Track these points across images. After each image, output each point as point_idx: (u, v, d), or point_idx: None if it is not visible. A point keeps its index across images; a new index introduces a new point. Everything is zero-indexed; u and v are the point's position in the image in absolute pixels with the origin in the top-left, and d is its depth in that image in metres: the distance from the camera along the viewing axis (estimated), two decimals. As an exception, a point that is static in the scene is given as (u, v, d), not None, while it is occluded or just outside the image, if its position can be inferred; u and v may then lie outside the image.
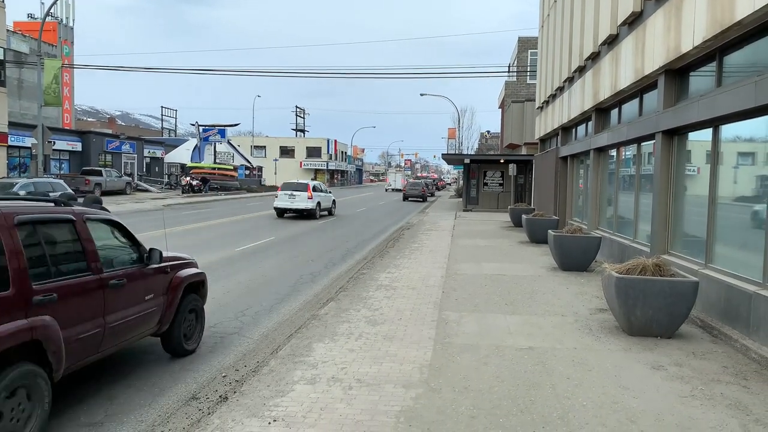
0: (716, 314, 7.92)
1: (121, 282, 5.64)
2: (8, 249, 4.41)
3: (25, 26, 48.83)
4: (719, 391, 5.55)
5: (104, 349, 5.47)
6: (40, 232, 4.87)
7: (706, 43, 8.09)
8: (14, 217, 4.58)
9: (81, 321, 5.05)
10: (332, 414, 4.89)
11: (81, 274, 5.14)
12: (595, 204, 15.85)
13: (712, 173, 8.63)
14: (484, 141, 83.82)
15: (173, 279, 6.70)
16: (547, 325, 7.90)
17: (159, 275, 6.43)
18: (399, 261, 13.52)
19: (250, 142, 79.31)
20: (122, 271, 5.75)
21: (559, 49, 20.64)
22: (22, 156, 37.12)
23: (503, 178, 34.95)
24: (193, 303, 7.06)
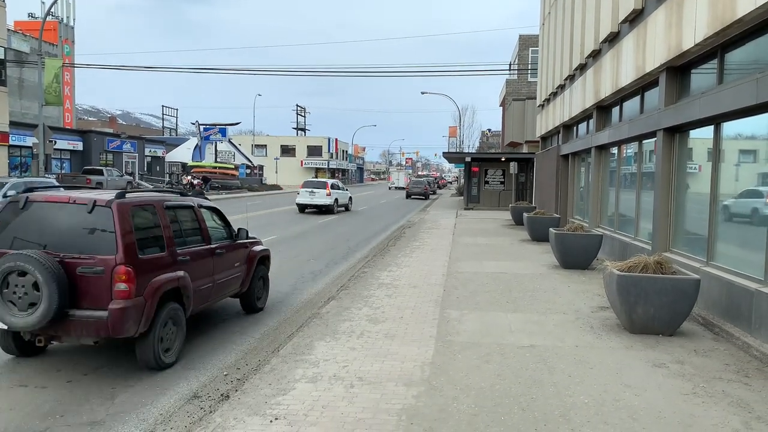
0: (718, 312, 7.91)
1: (221, 252, 7.75)
2: (163, 224, 6.55)
3: (26, 25, 48.83)
4: (721, 389, 5.55)
5: (211, 300, 7.59)
6: (177, 213, 7.01)
7: (708, 40, 8.07)
8: (164, 203, 6.77)
9: (201, 277, 7.12)
10: (334, 412, 4.89)
11: (200, 244, 7.27)
12: (596, 202, 15.84)
13: (713, 171, 8.62)
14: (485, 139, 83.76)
15: (250, 253, 8.74)
16: (548, 323, 7.90)
17: (242, 249, 8.51)
18: (400, 259, 13.52)
19: (251, 141, 79.34)
20: (222, 244, 7.84)
21: (560, 47, 20.61)
22: (23, 155, 37.14)
23: (504, 177, 34.94)
24: (262, 272, 9.13)
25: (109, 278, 5.72)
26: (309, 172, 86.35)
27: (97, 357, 6.56)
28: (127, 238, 5.90)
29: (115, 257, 5.75)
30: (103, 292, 5.74)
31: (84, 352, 6.71)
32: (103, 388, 5.70)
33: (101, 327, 5.69)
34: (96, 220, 5.93)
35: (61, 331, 5.83)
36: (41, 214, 6.11)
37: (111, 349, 6.83)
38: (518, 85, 40.50)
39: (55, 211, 6.09)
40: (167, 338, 6.38)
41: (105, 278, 5.73)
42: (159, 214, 6.59)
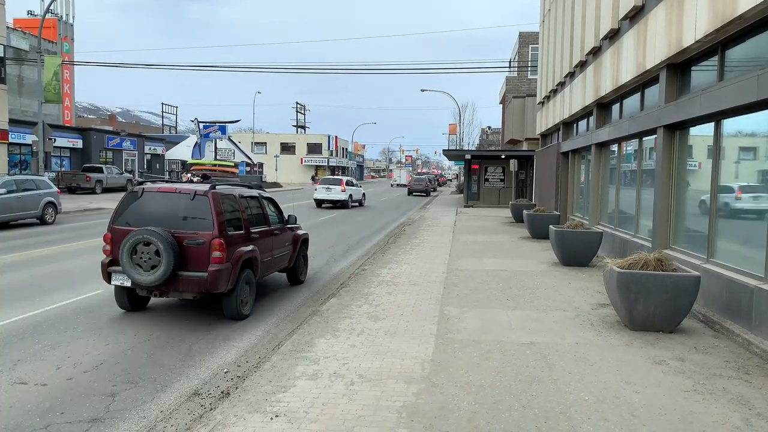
0: (718, 309, 7.91)
1: (277, 233, 9.73)
2: (241, 210, 8.54)
3: (25, 23, 48.77)
4: (721, 386, 5.55)
5: (270, 271, 9.57)
6: (248, 202, 9.01)
7: (708, 37, 8.06)
8: (240, 194, 8.78)
9: (265, 251, 9.05)
10: (334, 409, 4.89)
11: (263, 226, 9.25)
12: (596, 199, 15.83)
13: (713, 168, 8.61)
14: (485, 137, 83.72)
15: (295, 235, 10.68)
16: (548, 320, 7.90)
17: (290, 232, 10.46)
18: (400, 257, 13.52)
19: (250, 138, 79.25)
20: (277, 227, 9.81)
21: (560, 44, 20.58)
22: (23, 153, 37.12)
23: (504, 174, 34.92)
24: (303, 251, 11.11)
25: (208, 248, 7.65)
26: (309, 170, 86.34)
27: (97, 354, 6.56)
28: (219, 219, 7.84)
29: (212, 233, 7.69)
30: (203, 258, 7.64)
31: (83, 348, 6.71)
32: (103, 385, 5.70)
33: (202, 284, 7.61)
34: (197, 205, 7.87)
35: (172, 288, 7.75)
36: (154, 200, 8.07)
37: (109, 347, 6.83)
38: (518, 82, 40.44)
39: (165, 199, 8.04)
40: (244, 296, 8.29)
41: (204, 248, 7.65)
42: (238, 202, 8.60)
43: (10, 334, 7.18)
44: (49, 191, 20.01)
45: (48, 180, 21.07)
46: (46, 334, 7.22)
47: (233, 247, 7.96)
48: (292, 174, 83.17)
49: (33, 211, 19.07)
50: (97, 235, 16.65)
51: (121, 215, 8.13)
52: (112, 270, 7.94)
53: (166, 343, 7.06)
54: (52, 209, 19.99)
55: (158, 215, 7.88)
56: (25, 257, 12.78)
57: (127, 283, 7.81)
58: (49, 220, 19.71)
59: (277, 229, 9.80)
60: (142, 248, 7.53)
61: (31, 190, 19.24)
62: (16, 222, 18.79)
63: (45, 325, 7.63)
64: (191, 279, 7.63)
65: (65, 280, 10.45)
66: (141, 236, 7.50)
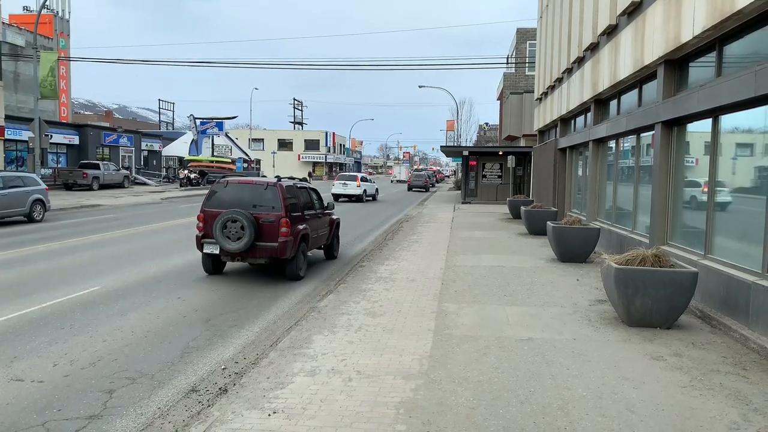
0: (715, 305, 7.92)
1: (320, 216, 12.19)
2: (297, 197, 11.00)
3: (21, 19, 48.54)
4: (718, 381, 5.56)
5: (315, 246, 11.92)
6: (304, 192, 11.59)
7: (706, 32, 8.05)
8: (297, 185, 11.40)
9: (313, 230, 11.46)
10: (332, 405, 4.88)
11: (312, 210, 11.70)
12: (593, 195, 15.84)
13: (711, 164, 8.61)
14: (482, 133, 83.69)
15: (331, 219, 13.17)
16: (546, 316, 7.90)
17: (328, 216, 12.93)
18: (398, 253, 13.51)
19: (248, 134, 79.08)
20: (319, 211, 12.26)
21: (558, 40, 20.55)
22: (19, 150, 36.98)
23: (502, 170, 34.91)
24: (336, 232, 13.54)
25: (277, 225, 10.23)
26: (306, 166, 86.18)
27: (94, 351, 6.54)
28: (285, 203, 10.44)
29: (280, 214, 10.29)
30: (274, 233, 10.21)
31: (81, 345, 6.68)
32: (100, 382, 5.68)
33: (273, 251, 10.22)
34: (268, 193, 10.49)
35: (250, 255, 10.29)
36: (236, 190, 10.72)
37: (106, 344, 6.81)
38: (516, 78, 40.41)
39: (244, 188, 10.73)
40: (300, 262, 10.90)
41: (275, 225, 10.23)
42: (295, 191, 11.23)
43: (7, 331, 7.15)
44: (37, 188, 19.56)
45: (36, 177, 20.59)
46: (42, 331, 7.20)
47: (294, 225, 10.54)
48: (289, 170, 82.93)
49: (20, 208, 18.63)
50: (89, 233, 16.62)
51: (210, 200, 10.71)
52: (205, 241, 10.46)
53: (164, 340, 7.04)
54: (40, 206, 19.53)
55: (239, 201, 10.48)
56: (18, 254, 12.74)
57: (216, 251, 10.35)
58: (37, 217, 19.27)
59: (320, 213, 12.32)
60: (231, 224, 10.07)
61: (18, 187, 18.78)
62: (3, 220, 18.44)
63: (41, 321, 7.61)
64: (265, 248, 10.23)
65: (61, 277, 10.41)
66: (230, 215, 10.07)
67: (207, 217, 10.51)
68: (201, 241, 10.51)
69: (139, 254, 13.05)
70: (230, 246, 10.05)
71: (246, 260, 10.58)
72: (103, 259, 12.26)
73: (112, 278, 10.34)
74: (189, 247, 14.17)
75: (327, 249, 13.20)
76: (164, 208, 26.33)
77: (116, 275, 10.61)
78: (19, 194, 18.65)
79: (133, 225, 18.84)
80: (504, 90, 41.25)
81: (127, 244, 14.65)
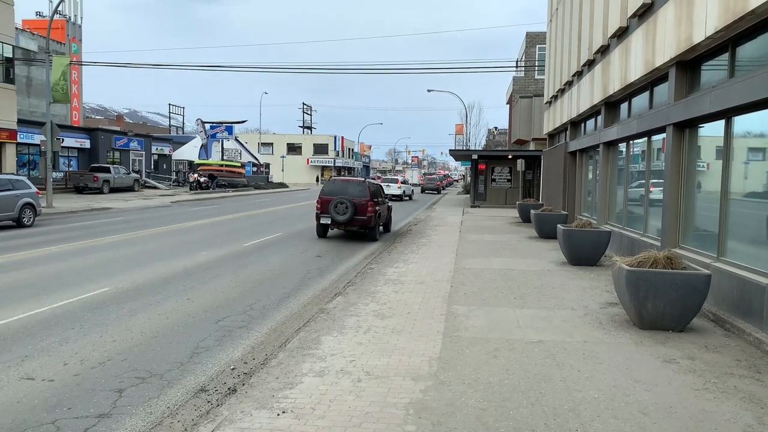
0: (728, 308, 7.83)
1: (383, 203, 18.57)
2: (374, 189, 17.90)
3: (34, 24, 49.08)
4: (733, 384, 5.48)
5: (380, 222, 18.04)
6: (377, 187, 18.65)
7: (719, 33, 7.98)
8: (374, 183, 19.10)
9: (381, 212, 18.13)
10: (341, 406, 4.86)
11: (380, 199, 18.22)
12: (604, 198, 15.74)
13: (724, 166, 8.53)
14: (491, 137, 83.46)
15: (388, 205, 19.43)
16: (556, 318, 7.84)
17: (387, 203, 19.25)
18: (407, 256, 13.47)
19: (257, 139, 79.39)
20: (382, 199, 18.44)
21: (567, 43, 20.49)
22: (31, 153, 37.33)
23: (511, 174, 34.81)
24: (390, 214, 19.96)
25: (366, 206, 16.51)
26: (315, 171, 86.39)
27: (104, 351, 6.56)
28: (370, 192, 16.88)
29: (368, 199, 16.62)
30: (364, 211, 16.52)
31: (91, 345, 6.70)
32: (110, 381, 5.69)
33: (364, 222, 16.60)
34: (361, 187, 17.20)
35: (350, 224, 16.65)
36: (340, 184, 17.66)
37: (116, 344, 6.83)
38: (525, 82, 40.31)
39: (345, 184, 17.58)
40: (377, 230, 17.31)
41: (364, 206, 16.50)
42: (374, 186, 17.74)
43: (18, 331, 7.19)
44: (26, 192, 18.78)
45: (26, 180, 19.78)
46: (53, 331, 7.23)
47: (375, 207, 16.99)
48: (298, 174, 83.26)
49: (9, 213, 17.89)
50: (98, 235, 16.72)
51: (324, 191, 17.18)
52: (321, 215, 16.86)
53: (173, 340, 7.05)
54: (30, 211, 18.76)
55: (343, 191, 17.09)
56: (29, 256, 12.83)
57: (329, 221, 16.75)
58: (26, 222, 18.54)
59: (383, 201, 18.65)
60: (340, 205, 16.49)
61: (7, 191, 18.02)
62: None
63: (52, 321, 7.64)
64: (359, 219, 16.67)
65: (72, 278, 10.47)
66: (340, 199, 16.54)
67: (323, 201, 16.83)
68: (319, 215, 16.95)
69: (149, 256, 13.10)
70: (339, 218, 16.52)
71: (347, 228, 17.17)
72: (113, 261, 12.32)
73: (122, 279, 10.38)
74: (198, 249, 14.22)
75: (385, 225, 19.47)
76: (174, 212, 26.45)
77: (126, 276, 10.66)
78: (7, 198, 17.91)
79: (143, 228, 18.93)
80: (513, 94, 41.17)
81: (137, 246, 14.72)
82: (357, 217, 16.51)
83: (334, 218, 16.40)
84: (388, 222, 19.65)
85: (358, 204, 16.49)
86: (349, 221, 16.50)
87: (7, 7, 29.49)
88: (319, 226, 17.17)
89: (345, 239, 17.60)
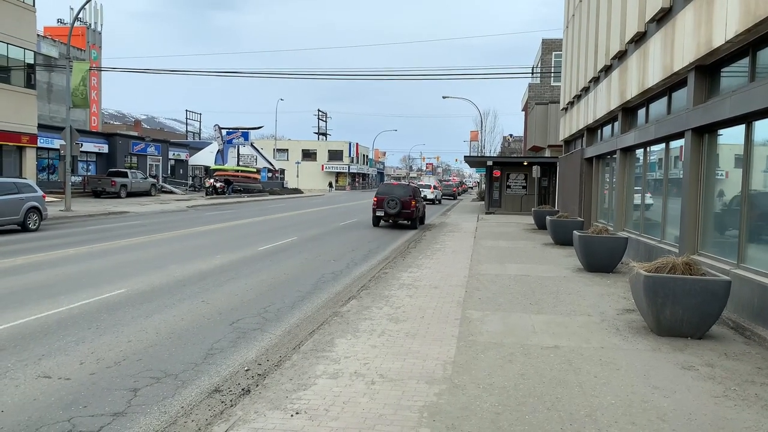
0: (749, 315, 7.69)
1: (420, 201, 24.95)
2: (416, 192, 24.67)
3: (55, 31, 49.90)
4: (754, 392, 5.37)
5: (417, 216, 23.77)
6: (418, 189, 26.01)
7: (739, 37, 7.88)
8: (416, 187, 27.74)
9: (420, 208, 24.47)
10: (355, 408, 4.83)
11: (419, 198, 24.69)
12: (621, 205, 15.58)
13: (744, 171, 8.40)
14: (506, 144, 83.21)
15: (423, 204, 26.31)
16: (572, 324, 7.75)
17: (422, 202, 26.05)
18: (421, 261, 13.43)
19: (272, 145, 79.81)
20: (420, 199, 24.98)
21: (584, 49, 20.37)
22: (50, 158, 37.87)
23: (526, 181, 34.62)
24: (424, 211, 26.40)
25: (410, 203, 22.61)
26: (329, 177, 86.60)
27: (120, 351, 6.60)
28: (413, 193, 23.59)
29: (412, 198, 22.98)
30: (409, 206, 22.57)
31: (107, 345, 6.75)
32: (125, 380, 5.72)
33: (408, 215, 22.73)
34: (407, 188, 24.01)
35: (398, 217, 22.83)
36: (391, 186, 24.61)
37: (131, 344, 6.87)
38: (541, 89, 40.14)
39: (395, 186, 24.35)
40: (417, 221, 23.79)
41: (409, 203, 22.56)
42: (415, 189, 24.82)
43: (35, 330, 7.26)
44: (32, 195, 18.45)
45: (32, 183, 19.57)
46: (70, 331, 7.29)
47: (416, 204, 22.79)
48: (313, 181, 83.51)
49: (13, 216, 17.58)
50: (115, 238, 16.87)
51: (378, 191, 23.54)
52: (376, 209, 22.58)
53: (188, 341, 7.08)
54: (35, 215, 18.43)
55: (392, 191, 23.08)
56: (47, 258, 12.98)
57: (382, 214, 22.55)
58: (32, 226, 18.20)
59: (420, 200, 24.33)
60: (390, 202, 22.18)
61: (12, 194, 17.65)
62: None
63: (69, 321, 7.71)
64: (405, 213, 22.35)
65: (88, 279, 10.57)
66: (391, 197, 22.42)
67: (378, 199, 22.80)
68: (375, 209, 22.97)
69: (165, 259, 13.20)
70: (390, 211, 22.37)
71: (396, 220, 23.11)
72: (130, 263, 12.42)
73: (138, 281, 10.46)
74: (213, 253, 14.30)
75: (421, 219, 24.81)
76: (190, 216, 26.65)
77: (142, 278, 10.74)
78: (12, 202, 17.61)
79: (159, 231, 19.09)
80: (529, 100, 41.00)
81: (153, 249, 14.84)
82: (403, 211, 22.35)
83: (386, 211, 22.44)
84: (423, 216, 25.51)
85: (404, 201, 22.38)
86: (397, 214, 22.47)
87: (29, 14, 30.02)
88: (375, 217, 23.41)
89: (358, 243, 17.59)
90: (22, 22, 29.35)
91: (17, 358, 6.26)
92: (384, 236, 20.40)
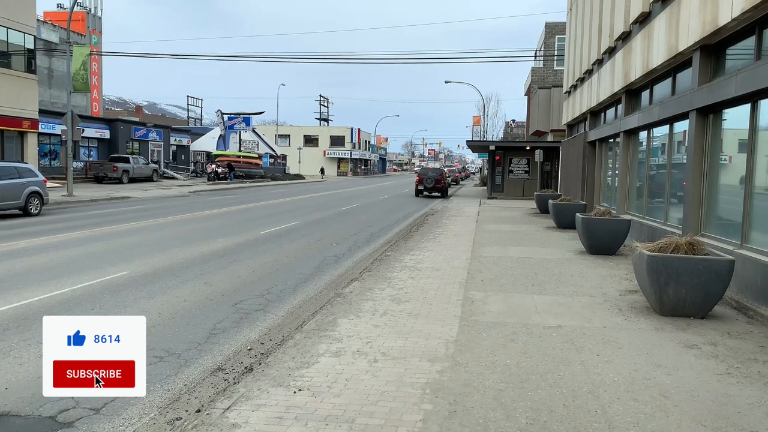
0: (752, 295, 7.67)
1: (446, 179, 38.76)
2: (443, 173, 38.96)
3: (55, 16, 49.61)
4: (756, 370, 5.37)
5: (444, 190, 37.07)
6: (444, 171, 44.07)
7: (745, 14, 7.79)
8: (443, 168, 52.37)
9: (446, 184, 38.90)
10: (357, 385, 4.84)
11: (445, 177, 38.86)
12: (624, 188, 15.53)
13: (749, 151, 8.34)
14: (509, 130, 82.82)
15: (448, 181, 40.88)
16: (575, 305, 7.75)
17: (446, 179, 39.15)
18: (423, 244, 13.42)
19: (274, 130, 79.63)
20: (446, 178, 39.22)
21: (588, 31, 20.19)
22: (52, 143, 37.85)
23: (529, 166, 34.49)
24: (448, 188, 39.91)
25: (441, 180, 36.28)
26: (332, 162, 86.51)
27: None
28: (442, 174, 37.91)
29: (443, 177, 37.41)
30: (441, 182, 36.18)
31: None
32: (128, 359, 5.73)
33: (439, 189, 35.82)
34: (439, 171, 38.85)
35: (433, 190, 35.58)
36: (427, 169, 40.17)
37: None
38: (544, 73, 39.89)
39: (430, 170, 38.70)
40: (447, 193, 37.61)
41: (440, 180, 36.18)
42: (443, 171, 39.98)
43: (38, 311, 7.28)
44: (33, 180, 18.33)
45: (33, 168, 19.43)
46: (73, 311, 7.30)
47: (444, 181, 36.65)
48: (315, 166, 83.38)
49: (15, 201, 17.50)
50: (119, 222, 16.88)
51: (419, 172, 39.54)
52: (418, 185, 35.79)
53: (190, 322, 7.09)
54: (37, 199, 18.29)
55: (428, 173, 37.19)
56: (49, 241, 13.00)
57: (422, 188, 35.49)
58: (33, 211, 18.09)
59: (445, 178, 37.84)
60: (428, 180, 35.64)
61: (13, 179, 17.57)
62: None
63: (72, 302, 7.73)
64: (438, 187, 35.56)
65: (91, 261, 10.59)
66: (428, 176, 36.13)
67: (420, 177, 36.06)
68: (417, 184, 35.69)
69: (167, 242, 13.21)
70: (428, 185, 34.98)
71: (431, 193, 35.03)
72: (132, 246, 12.44)
73: (140, 263, 10.47)
74: (215, 236, 14.32)
75: (444, 192, 35.93)
76: (192, 201, 26.66)
77: (145, 261, 10.75)
78: (13, 186, 17.49)
79: (161, 216, 19.11)
80: (532, 85, 40.75)
81: (155, 233, 14.85)
82: (437, 186, 35.02)
83: (425, 186, 34.99)
84: (447, 189, 37.77)
85: (436, 179, 35.34)
86: (432, 188, 34.91)
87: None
88: (417, 190, 35.48)
89: (361, 227, 17.59)
90: (21, 6, 29.17)
91: (21, 337, 6.29)
92: (386, 219, 20.38)
